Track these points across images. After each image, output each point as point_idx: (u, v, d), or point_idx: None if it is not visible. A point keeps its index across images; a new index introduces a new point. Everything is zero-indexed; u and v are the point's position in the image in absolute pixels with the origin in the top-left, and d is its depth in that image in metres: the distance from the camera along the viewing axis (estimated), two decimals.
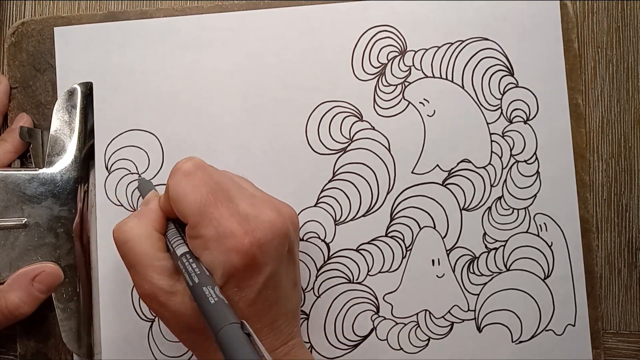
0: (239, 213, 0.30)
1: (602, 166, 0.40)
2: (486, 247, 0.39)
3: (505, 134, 0.39)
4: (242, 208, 0.31)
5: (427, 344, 0.39)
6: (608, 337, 0.40)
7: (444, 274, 0.39)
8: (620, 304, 0.40)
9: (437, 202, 0.39)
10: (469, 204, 0.39)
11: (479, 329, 0.39)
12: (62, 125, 0.39)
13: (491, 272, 0.39)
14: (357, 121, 0.40)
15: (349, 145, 0.39)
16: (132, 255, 0.32)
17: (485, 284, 0.39)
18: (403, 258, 0.39)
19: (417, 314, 0.39)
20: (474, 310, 0.39)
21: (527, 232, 0.39)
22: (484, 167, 0.39)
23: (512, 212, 0.39)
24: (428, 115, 0.39)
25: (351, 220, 0.39)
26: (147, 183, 0.39)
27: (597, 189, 0.40)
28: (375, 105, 0.40)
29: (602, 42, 0.40)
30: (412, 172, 0.39)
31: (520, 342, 0.39)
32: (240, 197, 0.32)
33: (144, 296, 0.31)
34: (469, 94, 0.39)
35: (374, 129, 0.39)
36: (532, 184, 0.39)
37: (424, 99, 0.40)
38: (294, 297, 0.34)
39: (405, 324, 0.39)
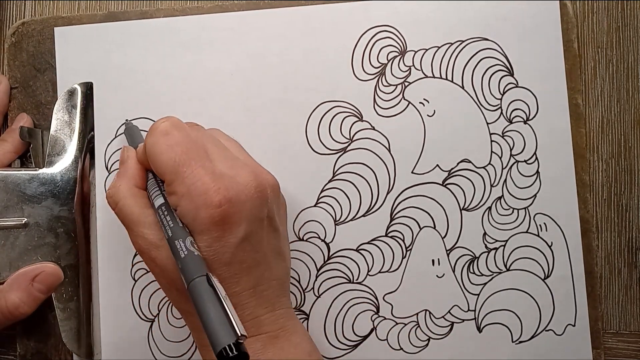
0: (214, 172, 0.31)
1: (602, 166, 0.40)
2: (486, 247, 0.39)
3: (505, 134, 0.40)
4: (219, 168, 0.31)
5: (427, 344, 0.39)
6: (608, 337, 0.40)
7: (444, 274, 0.39)
8: (620, 304, 0.40)
9: (437, 202, 0.39)
10: (469, 204, 0.39)
11: (479, 329, 0.39)
12: (62, 125, 0.39)
13: (491, 272, 0.39)
14: (357, 121, 0.40)
15: (349, 145, 0.39)
16: (123, 216, 0.33)
17: (485, 284, 0.39)
18: (403, 258, 0.39)
19: (417, 314, 0.39)
20: (474, 310, 0.39)
21: (527, 232, 0.39)
22: (484, 167, 0.39)
23: (512, 212, 0.39)
24: (428, 115, 0.39)
25: (351, 220, 0.39)
26: (134, 129, 0.39)
27: (597, 189, 0.40)
28: (375, 105, 0.40)
29: (602, 42, 0.40)
30: (412, 172, 0.39)
31: (520, 342, 0.39)
32: (219, 157, 0.32)
33: (140, 252, 0.32)
34: (468, 94, 0.40)
35: (374, 129, 0.40)
36: (532, 184, 0.39)
37: (424, 99, 0.40)
38: (279, 266, 0.34)
39: (405, 324, 0.39)
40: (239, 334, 0.26)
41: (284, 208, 0.37)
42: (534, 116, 0.39)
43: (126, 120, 0.39)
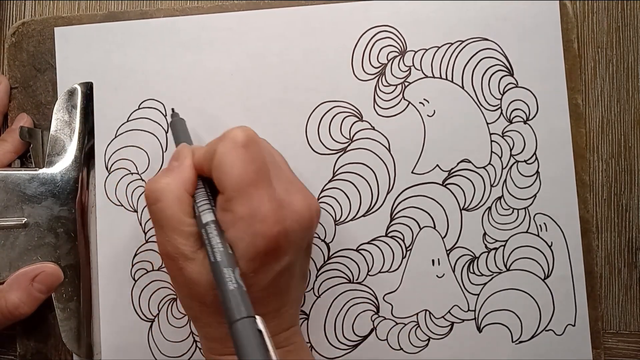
0: (275, 199, 0.30)
1: (602, 166, 0.40)
2: (486, 247, 0.39)
3: (505, 134, 0.40)
4: (278, 193, 0.30)
5: (427, 344, 0.39)
6: (608, 337, 0.40)
7: (444, 274, 0.39)
8: (620, 304, 0.40)
9: (437, 202, 0.39)
10: (469, 204, 0.39)
11: (479, 329, 0.39)
12: (62, 125, 0.39)
13: (491, 272, 0.39)
14: (357, 121, 0.40)
15: (349, 145, 0.39)
16: (160, 217, 0.31)
17: (485, 284, 0.39)
18: (403, 258, 0.39)
19: (417, 314, 0.39)
20: (474, 310, 0.39)
21: (527, 232, 0.39)
22: (483, 167, 0.39)
23: (512, 212, 0.39)
24: (428, 115, 0.39)
25: (351, 220, 0.39)
26: (181, 122, 0.37)
27: (597, 189, 0.40)
28: (375, 105, 0.40)
29: (602, 42, 0.40)
30: (412, 172, 0.39)
31: (520, 342, 0.39)
32: (278, 180, 0.31)
33: (165, 256, 0.31)
34: (468, 94, 0.40)
35: (374, 129, 0.40)
36: (532, 184, 0.39)
37: (424, 99, 0.40)
38: (301, 287, 0.34)
39: (405, 324, 0.39)
40: None
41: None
42: (534, 116, 0.39)
43: (172, 110, 0.38)
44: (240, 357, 0.26)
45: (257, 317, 0.27)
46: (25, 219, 0.38)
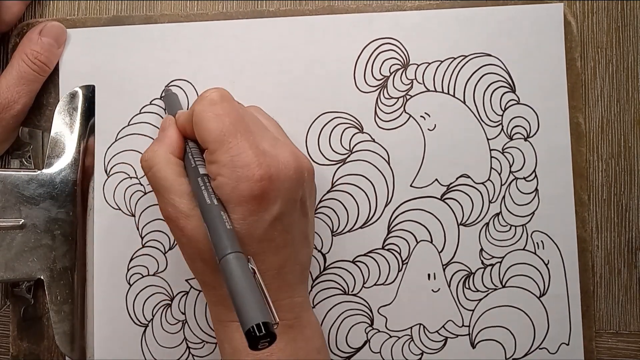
0: (257, 147, 0.31)
1: (602, 166, 0.40)
2: (482, 263, 0.39)
3: (505, 151, 0.39)
4: (261, 144, 0.32)
5: (420, 359, 0.39)
6: (608, 337, 0.39)
7: (439, 289, 0.39)
8: (620, 304, 0.40)
9: (435, 216, 0.39)
10: (467, 220, 0.39)
11: (473, 345, 0.39)
12: (63, 127, 0.39)
13: (487, 288, 0.39)
14: (357, 133, 0.40)
15: (349, 156, 0.39)
16: (156, 181, 0.33)
17: (480, 299, 0.39)
18: (399, 271, 0.39)
19: (411, 327, 0.39)
20: (468, 326, 0.39)
21: (524, 249, 0.39)
22: (482, 183, 0.39)
23: (510, 228, 0.39)
24: (428, 129, 0.39)
25: (348, 231, 0.39)
26: (174, 97, 0.39)
27: (597, 189, 0.40)
28: (376, 117, 0.40)
29: (602, 42, 0.40)
30: (410, 186, 0.39)
31: (514, 359, 0.39)
32: (261, 135, 0.33)
33: (168, 219, 0.33)
34: (470, 109, 0.40)
35: (374, 141, 0.39)
36: (531, 202, 0.39)
37: (425, 113, 0.40)
38: (304, 251, 0.34)
39: (399, 338, 0.39)
40: (273, 318, 0.26)
41: (315, 195, 0.38)
42: (535, 133, 0.39)
43: (165, 86, 0.39)
44: (230, 289, 0.27)
45: (250, 257, 0.28)
46: (23, 220, 0.38)
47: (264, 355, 0.31)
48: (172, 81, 0.40)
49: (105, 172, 0.40)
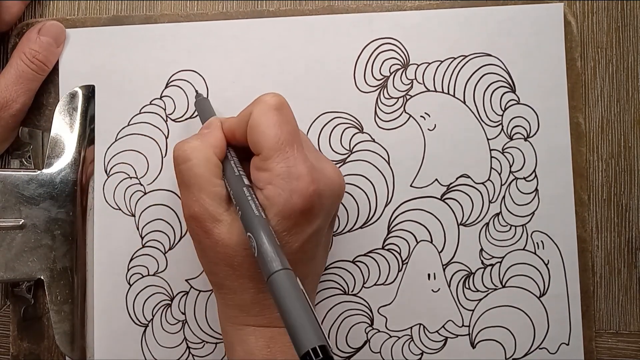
0: (309, 161, 0.31)
1: (602, 166, 0.40)
2: (482, 263, 0.39)
3: (505, 151, 0.39)
4: (310, 158, 0.31)
5: (420, 358, 0.39)
6: (608, 337, 0.39)
7: (439, 289, 0.39)
8: (620, 304, 0.40)
9: (435, 216, 0.39)
10: (467, 220, 0.39)
11: (473, 345, 0.39)
12: (63, 127, 0.39)
13: (487, 288, 0.39)
14: (357, 133, 0.40)
15: (349, 156, 0.39)
16: (189, 176, 0.31)
17: (480, 299, 0.39)
18: (399, 271, 0.39)
19: (411, 327, 0.39)
20: (468, 326, 0.39)
21: (524, 249, 0.39)
22: (482, 183, 0.39)
23: (510, 228, 0.39)
24: (428, 129, 0.39)
25: (348, 231, 0.39)
26: (206, 102, 0.38)
27: (597, 189, 0.40)
28: (376, 117, 0.40)
29: (602, 42, 0.40)
30: (410, 186, 0.39)
31: (514, 359, 0.39)
32: (307, 148, 0.32)
33: (191, 218, 0.31)
34: (470, 109, 0.40)
35: (374, 141, 0.39)
36: (531, 202, 0.39)
37: (425, 113, 0.40)
38: (323, 261, 0.35)
39: (399, 338, 0.39)
40: (327, 342, 0.25)
41: None
42: (535, 133, 0.39)
43: (197, 91, 0.39)
44: (284, 307, 0.26)
45: (298, 276, 0.27)
46: (23, 220, 0.38)
47: (274, 357, 0.31)
48: (175, 73, 0.40)
49: (105, 172, 0.40)
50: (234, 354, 0.33)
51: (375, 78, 0.40)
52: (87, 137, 0.40)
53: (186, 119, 0.40)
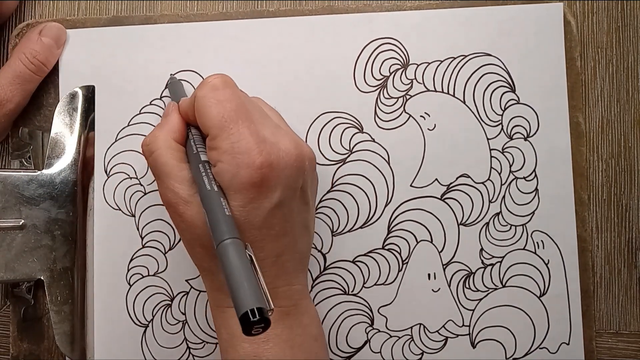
0: (258, 134, 0.31)
1: (602, 166, 0.40)
2: (482, 262, 0.39)
3: (505, 150, 0.39)
4: (262, 132, 0.31)
5: (420, 358, 0.39)
6: (608, 337, 0.40)
7: (439, 289, 0.39)
8: (620, 304, 0.40)
9: (435, 216, 0.39)
10: (467, 219, 0.39)
11: (473, 345, 0.39)
12: (63, 128, 0.39)
13: (487, 288, 0.39)
14: (357, 133, 0.40)
15: (349, 156, 0.39)
16: (156, 166, 0.33)
17: (480, 299, 0.39)
18: (399, 271, 0.39)
19: (411, 327, 0.39)
20: (469, 326, 0.39)
21: (524, 249, 0.39)
22: (482, 183, 0.39)
23: (510, 228, 0.39)
24: (428, 129, 0.39)
25: (348, 231, 0.39)
26: (178, 84, 0.39)
27: (597, 189, 0.40)
28: (376, 117, 0.40)
29: (602, 42, 0.40)
30: (410, 186, 0.39)
31: (514, 359, 0.39)
32: (262, 123, 0.32)
33: (167, 205, 0.32)
34: (470, 109, 0.40)
35: (374, 141, 0.39)
36: (531, 201, 0.39)
37: (425, 113, 0.40)
38: (304, 239, 0.34)
39: (400, 337, 0.39)
40: (268, 305, 0.26)
41: (316, 183, 0.38)
42: (535, 133, 0.39)
43: (171, 74, 0.39)
44: (227, 272, 0.27)
45: (247, 244, 0.28)
46: (23, 221, 0.38)
47: (259, 340, 0.31)
48: (175, 73, 0.40)
49: (105, 172, 0.40)
50: (220, 336, 0.33)
51: (375, 78, 0.40)
52: (87, 137, 0.40)
53: None
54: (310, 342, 0.33)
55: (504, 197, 0.39)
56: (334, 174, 0.39)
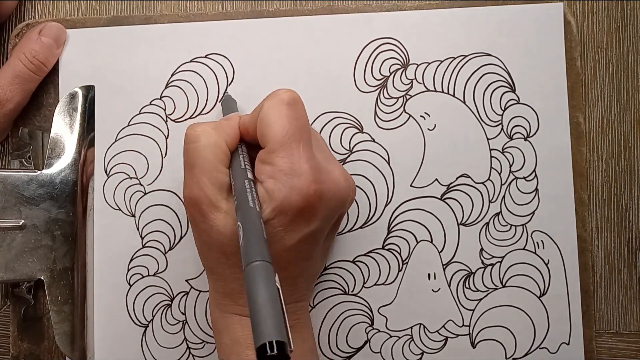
0: (315, 161, 0.30)
1: (602, 166, 0.40)
2: (482, 262, 0.39)
3: (505, 150, 0.39)
4: (317, 158, 0.31)
5: (420, 358, 0.39)
6: (608, 337, 0.40)
7: (439, 289, 0.39)
8: (620, 304, 0.40)
9: (435, 216, 0.39)
10: (467, 219, 0.39)
11: (473, 345, 0.39)
12: (63, 128, 0.39)
13: (487, 288, 0.39)
14: (357, 133, 0.40)
15: (349, 156, 0.39)
16: (195, 156, 0.31)
17: (480, 299, 0.39)
18: (399, 271, 0.39)
19: (411, 327, 0.39)
20: (469, 326, 0.39)
21: (524, 249, 0.39)
22: (482, 183, 0.39)
23: (510, 228, 0.39)
24: (428, 129, 0.39)
25: (348, 231, 0.39)
26: (232, 102, 0.38)
27: (597, 189, 0.40)
28: (376, 117, 0.40)
29: (602, 42, 0.40)
30: (410, 186, 0.39)
31: (514, 359, 0.39)
32: (317, 148, 0.32)
33: (190, 200, 0.31)
34: (470, 109, 0.40)
35: (374, 141, 0.39)
36: (531, 201, 0.39)
37: (425, 113, 0.40)
38: (320, 263, 0.35)
39: (400, 337, 0.39)
40: (288, 340, 0.24)
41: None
42: (535, 133, 0.39)
43: (225, 92, 0.39)
44: (251, 297, 0.25)
45: (276, 273, 0.27)
46: (23, 221, 0.38)
47: None
48: (175, 73, 0.40)
49: (105, 172, 0.40)
50: (221, 340, 0.33)
51: (375, 78, 0.40)
52: (87, 137, 0.40)
53: (186, 119, 0.40)
54: (307, 355, 0.33)
55: (504, 197, 0.39)
56: None
